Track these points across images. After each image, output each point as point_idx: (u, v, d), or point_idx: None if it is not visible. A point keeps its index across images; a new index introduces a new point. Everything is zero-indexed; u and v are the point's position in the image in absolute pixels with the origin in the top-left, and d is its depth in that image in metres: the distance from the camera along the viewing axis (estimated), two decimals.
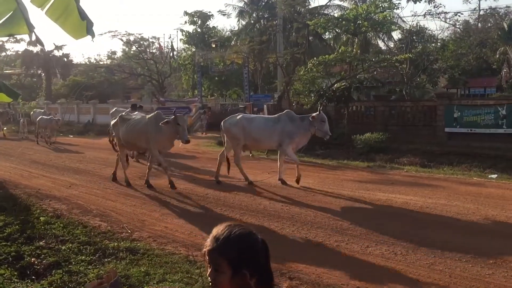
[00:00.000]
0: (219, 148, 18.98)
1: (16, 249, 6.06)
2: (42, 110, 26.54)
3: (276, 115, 10.93)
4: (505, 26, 28.25)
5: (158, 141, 10.27)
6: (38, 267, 5.49)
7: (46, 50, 43.12)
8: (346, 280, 5.20)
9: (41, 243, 6.32)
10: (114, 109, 16.39)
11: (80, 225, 7.33)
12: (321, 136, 10.52)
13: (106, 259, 5.74)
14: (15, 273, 5.31)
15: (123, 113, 11.59)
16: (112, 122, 11.55)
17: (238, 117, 10.83)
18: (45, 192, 9.95)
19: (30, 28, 3.32)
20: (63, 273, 5.22)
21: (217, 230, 1.85)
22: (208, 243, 1.84)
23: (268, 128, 10.47)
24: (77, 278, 5.12)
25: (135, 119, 10.81)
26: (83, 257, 5.78)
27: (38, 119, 21.67)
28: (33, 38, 3.52)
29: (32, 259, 5.72)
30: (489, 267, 5.42)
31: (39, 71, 49.72)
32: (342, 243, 6.42)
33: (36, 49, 44.41)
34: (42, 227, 7.05)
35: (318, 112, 10.25)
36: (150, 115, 10.79)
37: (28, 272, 5.35)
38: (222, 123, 10.95)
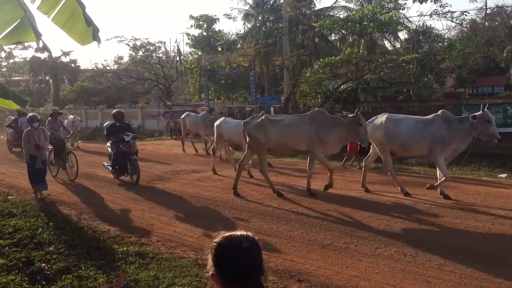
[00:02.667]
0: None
1: (26, 254, 6.10)
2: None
3: (429, 116, 9.11)
4: None
5: (328, 143, 9.32)
6: (48, 272, 5.53)
7: (53, 57, 43.44)
8: (355, 282, 5.18)
9: (51, 248, 6.36)
10: (185, 114, 19.23)
11: (90, 230, 7.37)
12: (486, 140, 8.70)
13: (115, 264, 5.76)
14: (26, 278, 5.36)
15: (268, 115, 10.90)
16: (216, 123, 12.80)
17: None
18: (55, 197, 10.01)
19: (38, 36, 3.35)
20: (73, 278, 5.25)
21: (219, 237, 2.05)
22: None
23: (418, 132, 8.92)
24: (87, 283, 5.15)
25: (290, 119, 9.82)
26: (93, 262, 5.81)
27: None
28: (41, 45, 3.55)
29: (42, 264, 5.76)
30: (499, 267, 5.37)
31: (47, 77, 50.04)
32: (351, 244, 6.40)
33: (43, 55, 44.74)
34: (52, 233, 7.09)
35: (481, 111, 8.41)
36: (309, 113, 9.87)
37: (38, 278, 5.39)
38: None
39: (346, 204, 8.73)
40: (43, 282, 5.25)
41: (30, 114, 10.76)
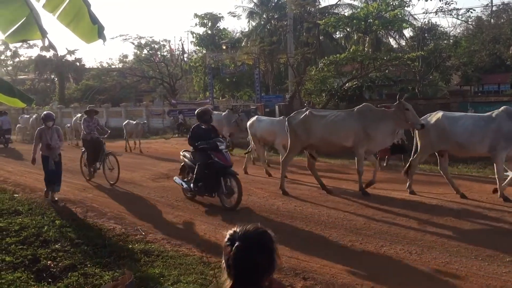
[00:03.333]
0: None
1: (32, 252, 6.12)
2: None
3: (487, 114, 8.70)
4: None
5: (375, 139, 9.01)
6: (54, 270, 5.55)
7: (58, 55, 43.56)
8: (360, 280, 5.17)
9: (56, 246, 6.39)
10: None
11: (95, 228, 7.40)
12: None
13: (121, 261, 5.77)
14: (32, 276, 5.38)
15: (313, 109, 10.33)
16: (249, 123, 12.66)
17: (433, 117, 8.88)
18: (60, 195, 10.04)
19: (43, 34, 3.36)
20: (79, 276, 5.26)
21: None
22: None
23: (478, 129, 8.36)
24: (93, 280, 5.17)
25: (336, 115, 9.49)
26: (99, 259, 5.83)
27: (124, 124, 19.83)
28: (46, 43, 3.56)
29: (48, 262, 5.78)
30: (505, 265, 5.35)
31: (52, 76, 50.21)
32: (356, 242, 6.39)
33: (49, 54, 44.94)
34: (58, 230, 7.11)
35: None
36: (356, 108, 9.50)
37: (44, 275, 5.41)
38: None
39: (351, 202, 8.72)
40: (49, 280, 5.27)
41: (45, 112, 10.16)
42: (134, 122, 19.59)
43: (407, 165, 9.38)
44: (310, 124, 9.41)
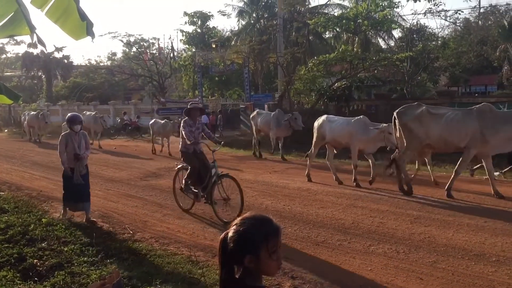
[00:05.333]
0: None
1: (18, 250, 6.06)
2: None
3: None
4: (506, 23, 28.14)
5: (491, 142, 8.52)
6: (41, 269, 5.49)
7: (46, 52, 43.16)
8: (348, 279, 5.19)
9: (43, 244, 6.33)
10: (255, 112, 16.84)
11: (82, 226, 7.33)
12: None
13: (108, 260, 5.74)
14: (18, 274, 5.32)
15: (429, 106, 9.47)
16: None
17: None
18: (47, 193, 9.95)
19: (32, 29, 3.32)
20: (66, 275, 5.22)
21: None
22: None
23: None
24: (80, 279, 5.12)
25: (455, 113, 8.93)
26: (86, 258, 5.79)
27: (151, 123, 18.08)
28: (35, 39, 3.52)
29: (35, 260, 5.72)
30: (492, 264, 5.41)
31: (40, 73, 49.73)
32: (345, 242, 6.42)
33: (36, 51, 44.46)
34: (44, 229, 7.04)
35: None
36: (475, 107, 8.87)
37: (31, 274, 5.35)
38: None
39: (339, 201, 8.75)
40: (36, 279, 5.21)
41: (71, 113, 8.09)
42: (163, 122, 17.68)
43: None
44: (428, 122, 8.93)
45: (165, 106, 28.75)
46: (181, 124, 8.17)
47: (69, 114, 8.03)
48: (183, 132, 7.97)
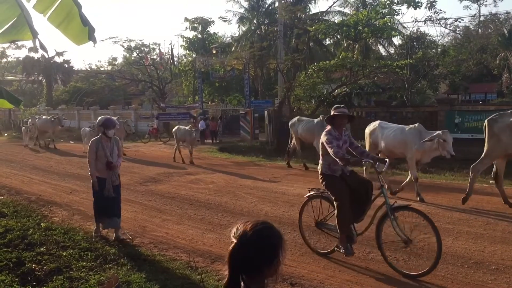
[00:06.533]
0: (221, 154, 18.99)
1: (17, 255, 6.05)
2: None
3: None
4: (505, 32, 28.31)
5: None
6: (39, 273, 5.48)
7: (47, 57, 43.24)
8: (347, 286, 5.18)
9: (42, 249, 6.31)
10: (295, 119, 15.13)
11: (81, 231, 7.32)
12: None
13: (107, 265, 5.73)
14: (16, 279, 5.31)
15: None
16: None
17: None
18: (46, 198, 9.94)
19: (34, 34, 3.34)
20: (64, 279, 5.21)
21: None
22: None
23: None
24: (78, 284, 5.11)
25: None
26: (84, 263, 5.78)
27: (175, 129, 17.14)
28: (37, 43, 3.53)
29: (33, 265, 5.71)
30: (491, 273, 5.40)
31: (40, 78, 49.78)
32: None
33: (37, 55, 44.62)
34: (43, 233, 7.03)
35: None
36: None
37: (29, 278, 5.33)
38: None
39: None
40: (34, 283, 5.20)
41: (102, 117, 7.25)
42: (187, 128, 16.68)
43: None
44: None
45: (165, 111, 28.81)
46: (324, 136, 5.86)
47: (101, 117, 7.20)
48: (328, 147, 5.67)
